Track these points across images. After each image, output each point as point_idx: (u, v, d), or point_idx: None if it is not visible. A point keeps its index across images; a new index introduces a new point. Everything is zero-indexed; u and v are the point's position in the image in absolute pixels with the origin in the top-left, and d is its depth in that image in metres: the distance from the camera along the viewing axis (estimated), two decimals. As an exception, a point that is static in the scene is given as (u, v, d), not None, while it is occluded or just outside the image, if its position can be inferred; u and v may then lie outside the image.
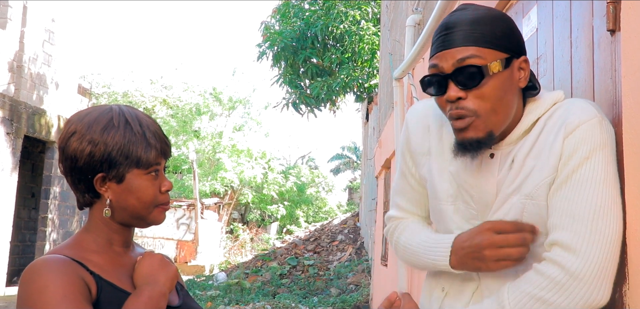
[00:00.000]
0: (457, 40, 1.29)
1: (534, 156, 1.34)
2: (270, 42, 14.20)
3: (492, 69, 1.27)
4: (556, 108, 1.36)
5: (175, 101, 22.40)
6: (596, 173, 1.25)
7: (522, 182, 1.34)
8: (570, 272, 1.21)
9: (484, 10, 1.34)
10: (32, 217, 13.51)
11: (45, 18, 12.69)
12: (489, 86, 1.28)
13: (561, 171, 1.28)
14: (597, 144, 1.27)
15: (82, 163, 1.27)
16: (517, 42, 1.35)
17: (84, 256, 1.27)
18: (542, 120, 1.37)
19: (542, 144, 1.33)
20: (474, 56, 1.27)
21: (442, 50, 1.31)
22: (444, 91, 1.31)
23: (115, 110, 1.31)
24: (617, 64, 1.63)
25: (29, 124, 11.77)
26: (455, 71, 1.28)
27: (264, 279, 12.08)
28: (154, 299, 1.23)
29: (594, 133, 1.27)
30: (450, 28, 1.32)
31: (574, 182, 1.25)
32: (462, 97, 1.29)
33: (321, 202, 27.00)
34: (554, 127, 1.32)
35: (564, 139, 1.28)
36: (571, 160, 1.26)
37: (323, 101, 14.35)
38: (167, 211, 1.37)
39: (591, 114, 1.29)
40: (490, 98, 1.28)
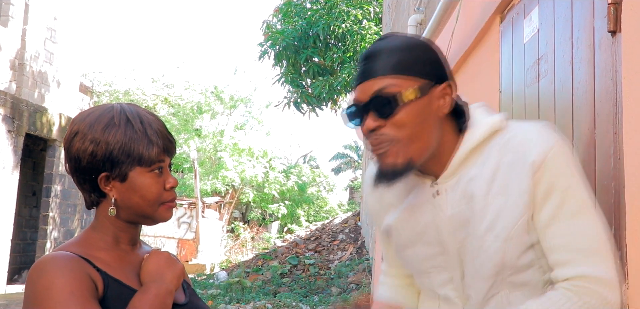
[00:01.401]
0: (374, 71, 1.29)
1: (498, 192, 1.31)
2: (272, 41, 14.19)
3: (406, 96, 1.27)
4: (508, 138, 1.33)
5: (176, 99, 22.39)
6: (580, 198, 1.26)
7: (493, 222, 1.31)
8: (607, 300, 1.22)
9: (403, 38, 1.34)
10: (33, 215, 13.52)
11: (47, 16, 12.70)
12: (405, 114, 1.27)
13: (542, 207, 1.26)
14: (568, 170, 1.27)
15: (85, 163, 1.28)
16: (439, 69, 1.33)
17: (91, 253, 1.28)
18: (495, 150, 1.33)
19: (505, 179, 1.30)
20: (389, 85, 1.27)
21: (361, 82, 1.32)
22: (363, 121, 1.31)
23: (116, 109, 1.32)
24: (618, 65, 1.64)
25: (30, 122, 11.78)
26: (371, 101, 1.28)
27: (265, 278, 12.09)
28: (161, 296, 1.24)
29: (561, 160, 1.26)
30: (368, 59, 1.32)
31: (566, 217, 1.25)
32: (380, 126, 1.29)
33: (322, 201, 26.99)
34: (515, 161, 1.29)
35: (533, 175, 1.26)
36: (552, 196, 1.25)
37: (324, 100, 14.35)
38: (172, 209, 1.36)
39: (550, 140, 1.27)
40: (407, 126, 1.28)
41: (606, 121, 1.70)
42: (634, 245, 1.52)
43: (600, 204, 1.73)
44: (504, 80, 2.86)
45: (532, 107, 2.40)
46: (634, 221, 1.51)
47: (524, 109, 2.51)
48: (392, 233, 1.51)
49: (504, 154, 1.32)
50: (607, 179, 1.68)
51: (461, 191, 1.36)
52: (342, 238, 14.95)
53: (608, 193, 1.67)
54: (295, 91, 14.70)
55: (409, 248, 1.48)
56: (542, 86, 2.29)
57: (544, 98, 2.26)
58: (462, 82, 3.93)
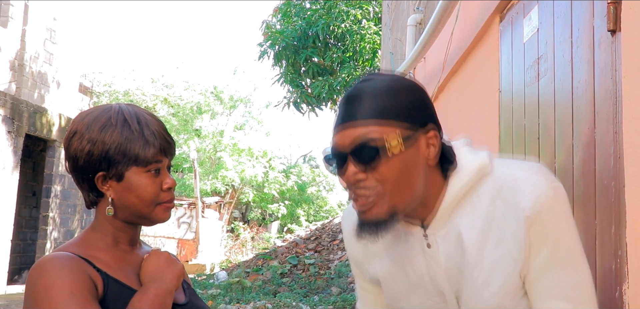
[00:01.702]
0: (355, 116, 1.20)
1: (493, 246, 1.26)
2: (271, 41, 14.19)
3: (391, 149, 1.18)
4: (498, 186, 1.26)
5: (176, 99, 22.38)
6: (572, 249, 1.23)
7: (489, 277, 1.27)
8: None
9: (389, 81, 1.24)
10: (33, 215, 13.52)
11: (47, 17, 12.70)
12: (389, 166, 1.19)
13: (535, 257, 1.23)
14: (561, 220, 1.22)
15: (83, 162, 1.29)
16: (426, 115, 1.24)
17: (91, 253, 1.28)
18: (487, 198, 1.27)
19: (499, 232, 1.25)
20: (372, 133, 1.18)
21: (341, 127, 1.22)
22: (344, 169, 1.23)
23: (114, 109, 1.32)
24: (618, 64, 1.64)
25: (30, 123, 11.78)
26: (354, 150, 1.19)
27: (265, 278, 12.09)
28: (160, 296, 1.24)
29: (555, 210, 1.21)
30: (350, 102, 1.22)
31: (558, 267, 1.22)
32: (362, 178, 1.21)
33: (322, 201, 26.97)
34: (508, 213, 1.24)
35: (529, 228, 1.21)
36: (544, 247, 1.22)
37: (324, 100, 14.34)
38: (170, 210, 1.35)
39: (543, 187, 1.22)
40: (391, 178, 1.20)
41: (606, 120, 1.70)
42: (634, 244, 1.52)
43: (601, 204, 1.73)
44: (504, 79, 2.86)
45: (532, 106, 2.40)
46: (634, 219, 1.52)
47: (524, 108, 2.51)
48: (383, 283, 1.44)
49: (496, 205, 1.26)
50: (607, 178, 1.68)
51: (454, 242, 1.30)
52: (342, 238, 14.94)
53: (608, 192, 1.67)
54: (295, 90, 14.70)
55: (403, 298, 1.42)
56: (542, 85, 2.29)
57: (544, 97, 2.26)
58: (462, 81, 3.94)
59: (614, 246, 1.63)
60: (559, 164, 2.09)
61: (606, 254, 1.68)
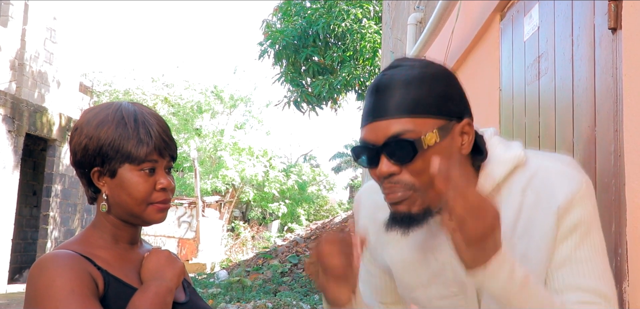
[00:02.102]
0: (388, 110, 1.16)
1: (521, 234, 1.23)
2: (271, 40, 14.18)
3: (427, 142, 1.14)
4: (529, 176, 1.24)
5: (176, 99, 22.38)
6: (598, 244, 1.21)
7: None
8: None
9: (419, 68, 1.19)
10: (33, 215, 13.52)
11: (47, 16, 12.70)
12: (424, 160, 1.14)
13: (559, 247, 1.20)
14: (590, 213, 1.20)
15: (80, 157, 1.32)
16: (460, 104, 1.21)
17: (91, 251, 1.28)
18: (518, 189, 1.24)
19: (529, 222, 1.22)
20: (407, 129, 1.14)
21: (372, 120, 1.18)
22: (376, 164, 1.18)
23: (114, 106, 1.34)
24: (618, 62, 1.64)
25: (30, 122, 11.78)
26: (387, 144, 1.15)
27: (265, 277, 12.08)
28: (161, 294, 1.24)
29: (587, 204, 1.19)
30: (380, 92, 1.18)
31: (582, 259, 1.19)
32: (396, 172, 1.17)
33: (322, 200, 26.98)
34: (539, 203, 1.21)
35: (559, 218, 1.18)
36: (571, 237, 1.19)
37: (324, 99, 14.34)
38: (165, 211, 1.34)
39: (578, 181, 1.20)
40: (426, 172, 1.14)
41: (607, 118, 1.70)
42: (634, 242, 1.52)
43: (601, 202, 1.73)
44: (504, 78, 2.85)
45: (533, 105, 2.40)
46: (635, 218, 1.51)
47: (524, 106, 2.51)
48: (396, 272, 1.40)
49: (526, 195, 1.23)
50: (608, 177, 1.68)
51: None
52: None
53: (609, 190, 1.67)
54: (295, 89, 14.69)
55: (420, 289, 1.38)
56: (543, 83, 2.29)
57: (544, 96, 2.26)
58: (462, 80, 3.92)
59: (614, 244, 1.63)
60: (559, 162, 2.09)
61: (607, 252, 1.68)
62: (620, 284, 1.59)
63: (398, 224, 1.21)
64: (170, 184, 1.33)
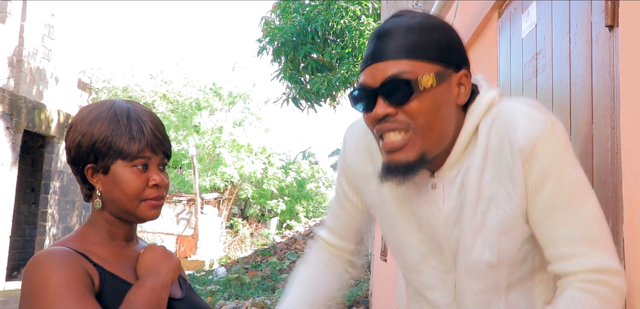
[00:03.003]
0: (387, 53, 1.17)
1: (490, 180, 1.21)
2: (270, 37, 14.17)
3: (423, 83, 1.15)
4: (495, 115, 1.22)
5: (175, 95, 22.38)
6: (576, 185, 1.17)
7: (485, 213, 1.22)
8: (620, 290, 1.17)
9: (420, 17, 1.21)
10: (31, 212, 13.52)
11: (45, 12, 12.68)
12: (420, 102, 1.15)
13: (536, 197, 1.17)
14: (561, 155, 1.16)
15: (74, 154, 1.33)
16: (458, 55, 1.22)
17: (87, 248, 1.29)
18: (484, 132, 1.22)
19: (495, 166, 1.20)
20: (404, 70, 1.15)
21: (371, 63, 1.19)
22: (372, 106, 1.18)
23: (108, 104, 1.34)
24: (616, 60, 1.64)
25: (28, 119, 11.77)
26: (383, 86, 1.16)
27: (264, 274, 12.09)
28: (156, 289, 1.24)
29: (553, 145, 1.15)
30: (381, 37, 1.19)
31: (562, 207, 1.16)
32: (391, 114, 1.17)
33: (321, 197, 26.99)
34: (502, 146, 1.19)
35: (524, 162, 1.15)
36: (545, 186, 1.16)
37: (323, 96, 14.34)
38: (158, 208, 1.34)
39: (539, 123, 1.16)
40: (421, 114, 1.16)
41: (604, 116, 1.70)
42: (631, 240, 1.52)
43: (598, 199, 1.73)
44: (502, 75, 2.86)
45: (530, 102, 2.40)
46: (632, 215, 1.52)
47: (522, 104, 2.51)
48: (391, 214, 1.38)
49: (490, 138, 1.21)
50: (605, 174, 1.68)
51: (458, 184, 1.26)
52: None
53: (606, 188, 1.67)
54: (294, 87, 14.69)
55: (400, 238, 1.38)
56: (540, 81, 2.29)
57: (542, 93, 2.26)
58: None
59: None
60: (556, 159, 2.09)
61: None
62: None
63: (393, 174, 1.20)
64: (163, 181, 1.34)
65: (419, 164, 1.19)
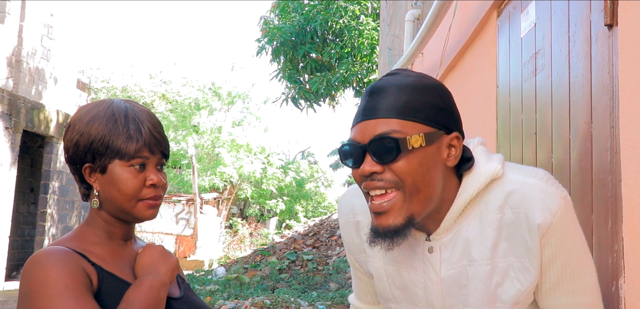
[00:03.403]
0: (378, 111, 1.17)
1: (503, 254, 1.22)
2: (269, 37, 14.18)
3: (411, 143, 1.14)
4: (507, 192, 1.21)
5: (174, 95, 22.37)
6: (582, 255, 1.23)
7: (499, 286, 1.23)
8: None
9: (414, 77, 1.21)
10: (31, 212, 13.50)
11: (44, 12, 12.66)
12: (407, 161, 1.15)
13: (548, 270, 1.21)
14: (572, 231, 1.20)
15: (71, 153, 1.33)
16: (449, 117, 1.21)
17: (85, 247, 1.29)
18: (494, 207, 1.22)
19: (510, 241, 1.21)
20: (393, 129, 1.15)
21: (362, 120, 1.19)
22: (361, 163, 1.18)
23: (106, 103, 1.34)
24: (615, 59, 1.64)
25: (27, 119, 11.75)
26: (372, 143, 1.16)
27: (263, 273, 12.09)
28: (155, 288, 1.24)
29: (566, 219, 1.19)
30: (373, 95, 1.19)
31: (570, 277, 1.21)
32: (378, 172, 1.16)
33: (320, 197, 26.98)
34: (518, 221, 1.20)
35: (542, 238, 1.18)
36: (557, 260, 1.20)
37: (322, 96, 14.35)
38: (155, 208, 1.34)
39: (557, 198, 1.18)
40: (409, 174, 1.15)
41: (603, 115, 1.70)
42: (630, 238, 1.52)
43: (597, 198, 1.73)
44: (501, 74, 2.85)
45: (529, 101, 2.40)
46: (631, 214, 1.51)
47: (521, 103, 2.51)
48: (379, 284, 1.40)
49: (505, 212, 1.21)
50: (604, 173, 1.68)
51: (459, 250, 1.25)
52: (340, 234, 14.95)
53: (605, 187, 1.67)
54: (293, 86, 14.70)
55: (392, 302, 1.39)
56: (539, 80, 2.28)
57: (541, 92, 2.26)
58: (460, 77, 3.94)
59: (611, 241, 1.63)
60: (556, 159, 2.09)
61: (603, 249, 1.68)
62: (616, 281, 1.59)
63: (381, 238, 1.20)
64: (160, 181, 1.33)
65: (406, 227, 1.19)
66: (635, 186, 1.49)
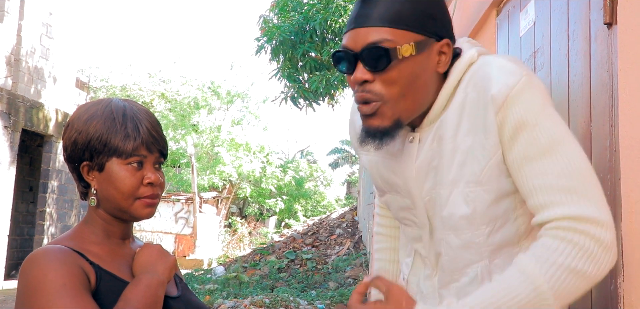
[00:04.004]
0: (369, 19, 1.19)
1: (466, 133, 1.22)
2: (268, 36, 14.15)
3: (402, 52, 1.17)
4: (474, 70, 1.23)
5: (173, 94, 22.34)
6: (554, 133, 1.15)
7: (461, 165, 1.23)
8: (602, 241, 1.10)
9: None
10: (30, 211, 13.49)
11: (43, 11, 12.65)
12: (398, 70, 1.18)
13: (511, 147, 1.17)
14: (536, 104, 1.15)
15: (70, 151, 1.33)
16: (441, 25, 1.23)
17: (83, 246, 1.29)
18: (462, 88, 1.24)
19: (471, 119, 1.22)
20: (384, 38, 1.17)
21: (354, 27, 1.22)
22: (353, 70, 1.22)
23: (104, 102, 1.35)
24: (614, 57, 1.64)
25: (26, 118, 11.75)
26: (364, 51, 1.19)
27: (262, 273, 12.09)
28: (153, 287, 1.24)
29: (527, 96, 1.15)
30: (366, 2, 1.21)
31: (540, 155, 1.14)
32: (369, 80, 1.20)
33: (319, 196, 26.99)
34: (478, 98, 1.20)
35: (497, 113, 1.16)
36: (521, 135, 1.15)
37: (321, 95, 14.32)
38: (153, 206, 1.34)
39: (513, 75, 1.16)
40: (398, 83, 1.19)
41: (602, 114, 1.70)
42: (629, 237, 1.52)
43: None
44: (501, 73, 2.85)
45: (529, 100, 2.40)
46: (630, 212, 1.52)
47: (520, 102, 2.51)
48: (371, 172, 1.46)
49: (468, 91, 1.23)
50: (603, 172, 1.68)
51: (432, 135, 1.28)
52: (339, 233, 14.96)
53: (604, 185, 1.67)
54: (292, 85, 14.68)
55: (385, 193, 1.44)
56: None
57: (540, 91, 2.26)
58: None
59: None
60: (555, 157, 2.09)
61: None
62: (615, 279, 1.60)
63: (371, 138, 1.24)
64: (158, 180, 1.33)
65: (394, 128, 1.23)
66: (634, 185, 1.49)
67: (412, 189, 1.33)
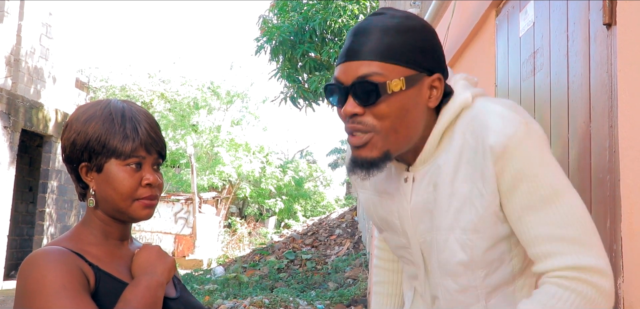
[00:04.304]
0: (360, 53, 1.19)
1: (463, 180, 1.22)
2: (268, 36, 14.16)
3: (391, 87, 1.17)
4: (473, 116, 1.23)
5: (173, 95, 22.34)
6: (554, 183, 1.16)
7: (458, 213, 1.23)
8: (603, 290, 1.13)
9: (399, 19, 1.22)
10: (29, 211, 13.49)
11: (43, 12, 12.65)
12: (388, 104, 1.18)
13: (511, 198, 1.17)
14: (535, 155, 1.15)
15: (68, 152, 1.33)
16: (432, 59, 1.23)
17: (82, 247, 1.29)
18: (459, 131, 1.24)
19: (469, 166, 1.21)
20: (374, 72, 1.18)
21: (345, 60, 1.22)
22: (344, 103, 1.22)
23: (103, 103, 1.35)
24: (613, 58, 1.64)
25: (26, 118, 11.74)
26: (354, 85, 1.19)
27: (262, 273, 12.08)
28: (152, 288, 1.24)
29: (526, 146, 1.15)
30: (357, 35, 1.22)
31: (541, 205, 1.15)
32: (360, 113, 1.20)
33: (319, 196, 26.99)
34: (476, 146, 1.20)
35: (495, 163, 1.16)
36: (521, 185, 1.15)
37: (321, 95, 14.33)
38: (151, 207, 1.34)
39: (512, 125, 1.16)
40: (389, 116, 1.19)
41: (601, 114, 1.70)
42: (629, 238, 1.52)
43: (596, 198, 1.73)
44: (500, 74, 2.85)
45: (528, 101, 2.39)
46: (629, 213, 1.51)
47: (520, 102, 2.51)
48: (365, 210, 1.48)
49: (466, 138, 1.23)
50: (603, 172, 1.68)
51: (429, 180, 1.28)
52: (339, 233, 14.96)
53: (604, 186, 1.67)
54: (292, 86, 14.68)
55: (383, 231, 1.45)
56: (538, 79, 2.28)
57: (540, 92, 2.26)
58: (458, 76, 3.94)
59: (609, 240, 1.63)
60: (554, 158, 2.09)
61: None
62: (615, 280, 1.59)
63: (358, 168, 1.25)
64: (157, 181, 1.34)
65: (382, 160, 1.23)
66: (634, 185, 1.49)
67: (408, 229, 1.34)
